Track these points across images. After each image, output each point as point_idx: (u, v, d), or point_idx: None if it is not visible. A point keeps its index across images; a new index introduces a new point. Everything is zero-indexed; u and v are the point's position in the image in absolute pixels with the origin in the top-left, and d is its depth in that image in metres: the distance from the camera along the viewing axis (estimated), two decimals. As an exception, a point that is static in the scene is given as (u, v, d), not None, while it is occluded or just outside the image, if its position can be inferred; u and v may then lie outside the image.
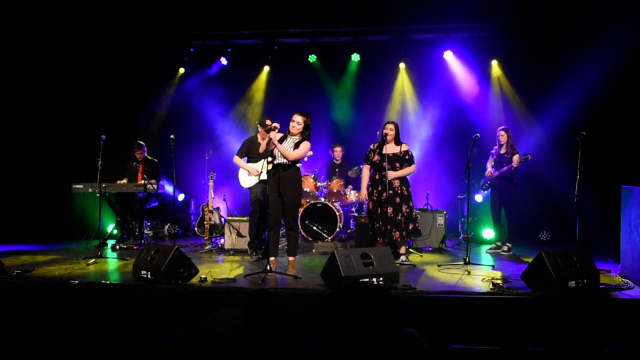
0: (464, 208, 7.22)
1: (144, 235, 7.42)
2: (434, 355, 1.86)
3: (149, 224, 8.14)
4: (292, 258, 5.33)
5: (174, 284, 4.49)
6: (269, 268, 4.91)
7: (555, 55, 7.66)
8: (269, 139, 5.10)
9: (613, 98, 7.10)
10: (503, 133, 6.74)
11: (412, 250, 6.58)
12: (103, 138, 6.19)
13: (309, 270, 5.36)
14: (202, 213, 7.55)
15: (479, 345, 2.41)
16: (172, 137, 5.93)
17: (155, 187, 7.13)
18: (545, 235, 7.65)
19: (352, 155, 8.30)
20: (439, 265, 5.63)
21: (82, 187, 6.83)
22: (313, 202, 7.32)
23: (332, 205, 7.18)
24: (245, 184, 6.37)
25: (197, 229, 7.81)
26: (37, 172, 7.87)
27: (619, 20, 6.95)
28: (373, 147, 5.92)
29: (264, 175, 5.34)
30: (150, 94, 8.83)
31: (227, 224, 6.87)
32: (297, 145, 5.17)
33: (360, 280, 4.30)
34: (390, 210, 5.68)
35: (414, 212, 5.92)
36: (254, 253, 6.24)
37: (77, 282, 4.63)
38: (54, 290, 4.56)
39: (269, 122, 5.70)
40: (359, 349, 1.48)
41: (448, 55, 8.44)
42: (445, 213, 7.08)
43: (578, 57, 7.25)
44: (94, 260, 5.81)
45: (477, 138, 5.61)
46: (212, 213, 7.34)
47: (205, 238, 7.14)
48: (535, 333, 3.76)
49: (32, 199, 7.86)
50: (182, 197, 8.94)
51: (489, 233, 7.45)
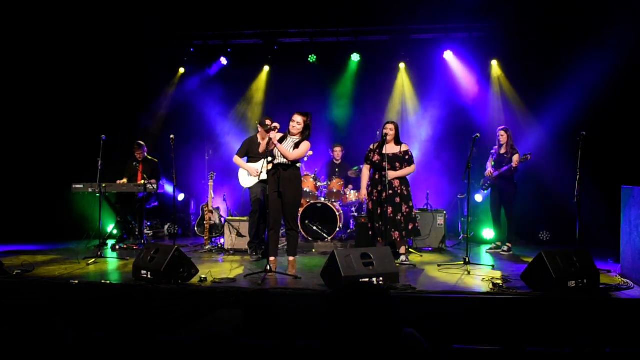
0: (464, 208, 7.22)
1: (144, 235, 7.42)
2: (434, 355, 1.86)
3: (149, 224, 8.14)
4: (292, 258, 5.33)
5: (174, 284, 4.49)
6: (269, 268, 4.91)
7: (555, 55, 7.66)
8: (269, 139, 5.10)
9: (613, 98, 7.10)
10: (503, 133, 6.74)
11: (412, 250, 6.58)
12: (103, 138, 6.20)
13: (309, 270, 5.36)
14: (202, 213, 7.55)
15: (479, 345, 2.41)
16: (172, 137, 5.94)
17: (155, 187, 7.13)
18: (545, 235, 7.65)
19: (352, 155, 8.29)
20: (439, 265, 5.63)
21: (82, 187, 6.83)
22: (313, 202, 7.31)
23: (332, 205, 7.17)
24: (245, 184, 6.37)
25: (197, 229, 7.81)
26: (37, 172, 7.87)
27: (619, 20, 6.95)
28: (373, 147, 5.92)
29: (264, 175, 5.33)
30: (150, 94, 8.83)
31: (227, 224, 6.87)
32: (297, 145, 5.17)
33: (360, 280, 4.30)
34: (390, 210, 5.68)
35: (414, 212, 5.93)
36: (254, 253, 6.24)
37: (77, 282, 4.63)
38: (54, 290, 4.55)
39: (269, 122, 5.71)
40: (359, 349, 1.48)
41: (448, 55, 8.44)
42: (445, 213, 7.08)
43: (578, 57, 7.25)
44: (94, 260, 5.82)
45: (477, 138, 5.61)
46: (212, 213, 7.34)
47: (205, 238, 7.14)
48: (535, 333, 3.76)
49: (32, 199, 7.86)
50: (182, 197, 8.94)
51: (489, 233, 7.45)
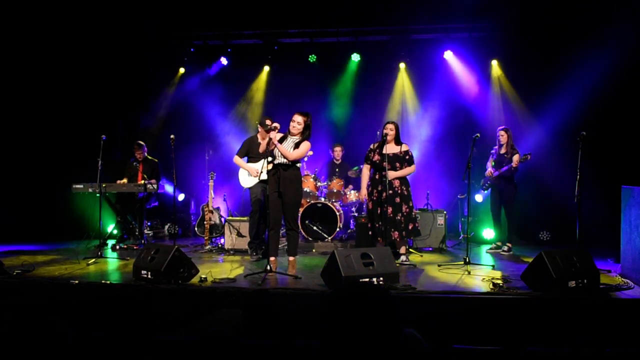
0: (464, 208, 7.22)
1: (144, 235, 7.41)
2: (434, 355, 1.86)
3: (149, 224, 8.14)
4: (292, 258, 5.32)
5: (174, 284, 4.49)
6: (269, 268, 4.91)
7: (555, 55, 7.66)
8: (269, 139, 5.10)
9: (613, 98, 7.10)
10: (503, 133, 6.74)
11: (412, 250, 6.57)
12: (103, 138, 6.20)
13: (309, 270, 5.36)
14: (202, 213, 7.55)
15: (479, 345, 2.41)
16: (172, 137, 5.94)
17: (155, 187, 7.12)
18: (545, 235, 7.65)
19: (352, 155, 8.29)
20: (439, 265, 5.63)
21: (82, 187, 6.83)
22: (313, 202, 7.31)
23: (332, 205, 7.17)
24: (245, 184, 6.37)
25: (197, 229, 7.81)
26: (37, 172, 7.86)
27: (619, 20, 6.95)
28: (373, 147, 5.92)
29: (264, 175, 5.33)
30: (150, 94, 8.84)
31: (227, 224, 6.87)
32: (297, 145, 5.17)
33: (361, 280, 4.30)
34: (390, 210, 5.68)
35: (414, 212, 5.93)
36: (254, 253, 6.24)
37: (77, 282, 4.63)
38: (54, 290, 4.55)
39: (269, 122, 5.71)
40: (359, 349, 1.48)
41: (448, 55, 8.44)
42: (445, 213, 7.08)
43: (578, 57, 7.25)
44: (94, 260, 5.82)
45: (477, 138, 5.61)
46: (212, 213, 7.34)
47: (206, 238, 7.14)
48: (535, 333, 3.76)
49: (32, 199, 7.86)
50: (182, 197, 8.94)
51: (489, 233, 7.45)
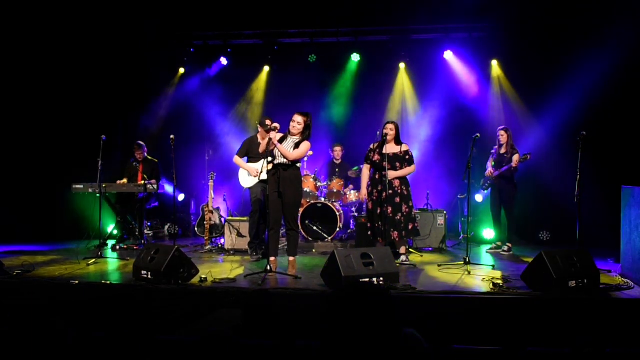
0: (464, 208, 7.22)
1: (144, 236, 7.41)
2: (434, 355, 1.86)
3: (149, 224, 8.13)
4: (292, 258, 5.32)
5: (174, 284, 4.49)
6: (269, 268, 4.91)
7: (555, 55, 7.66)
8: (269, 139, 5.10)
9: (613, 98, 7.10)
10: (503, 133, 6.74)
11: (412, 250, 6.57)
12: (103, 138, 6.20)
13: (309, 270, 5.36)
14: (202, 213, 7.55)
15: (479, 345, 2.41)
16: (172, 137, 5.93)
17: (155, 187, 7.12)
18: (545, 235, 7.65)
19: (352, 155, 8.29)
20: (439, 265, 5.63)
21: (82, 187, 6.83)
22: (313, 202, 7.31)
23: (332, 205, 7.17)
24: (245, 184, 6.37)
25: (197, 229, 7.81)
26: (37, 172, 7.86)
27: (619, 20, 6.95)
28: (373, 146, 5.92)
29: (264, 175, 5.33)
30: (150, 94, 8.83)
31: (227, 224, 6.87)
32: (297, 145, 5.17)
33: (361, 280, 4.30)
34: (390, 210, 5.68)
35: (414, 212, 5.93)
36: (254, 253, 6.24)
37: (77, 282, 4.63)
38: (54, 291, 4.55)
39: (269, 122, 5.71)
40: (359, 349, 1.48)
41: (448, 55, 8.44)
42: (445, 213, 7.08)
43: (578, 57, 7.25)
44: (94, 261, 5.81)
45: (477, 138, 5.61)
46: (212, 213, 7.34)
47: (206, 238, 7.14)
48: (535, 333, 3.76)
49: (32, 199, 7.86)
50: (182, 197, 8.94)
51: (489, 233, 7.45)
